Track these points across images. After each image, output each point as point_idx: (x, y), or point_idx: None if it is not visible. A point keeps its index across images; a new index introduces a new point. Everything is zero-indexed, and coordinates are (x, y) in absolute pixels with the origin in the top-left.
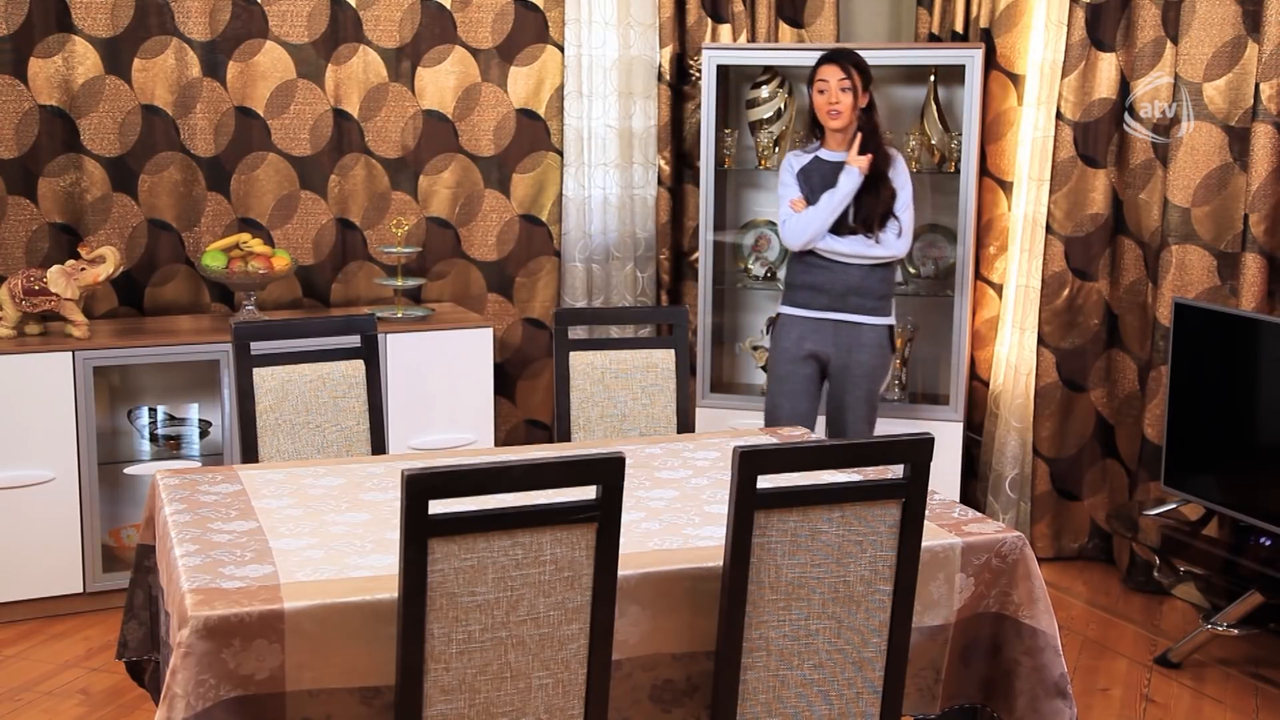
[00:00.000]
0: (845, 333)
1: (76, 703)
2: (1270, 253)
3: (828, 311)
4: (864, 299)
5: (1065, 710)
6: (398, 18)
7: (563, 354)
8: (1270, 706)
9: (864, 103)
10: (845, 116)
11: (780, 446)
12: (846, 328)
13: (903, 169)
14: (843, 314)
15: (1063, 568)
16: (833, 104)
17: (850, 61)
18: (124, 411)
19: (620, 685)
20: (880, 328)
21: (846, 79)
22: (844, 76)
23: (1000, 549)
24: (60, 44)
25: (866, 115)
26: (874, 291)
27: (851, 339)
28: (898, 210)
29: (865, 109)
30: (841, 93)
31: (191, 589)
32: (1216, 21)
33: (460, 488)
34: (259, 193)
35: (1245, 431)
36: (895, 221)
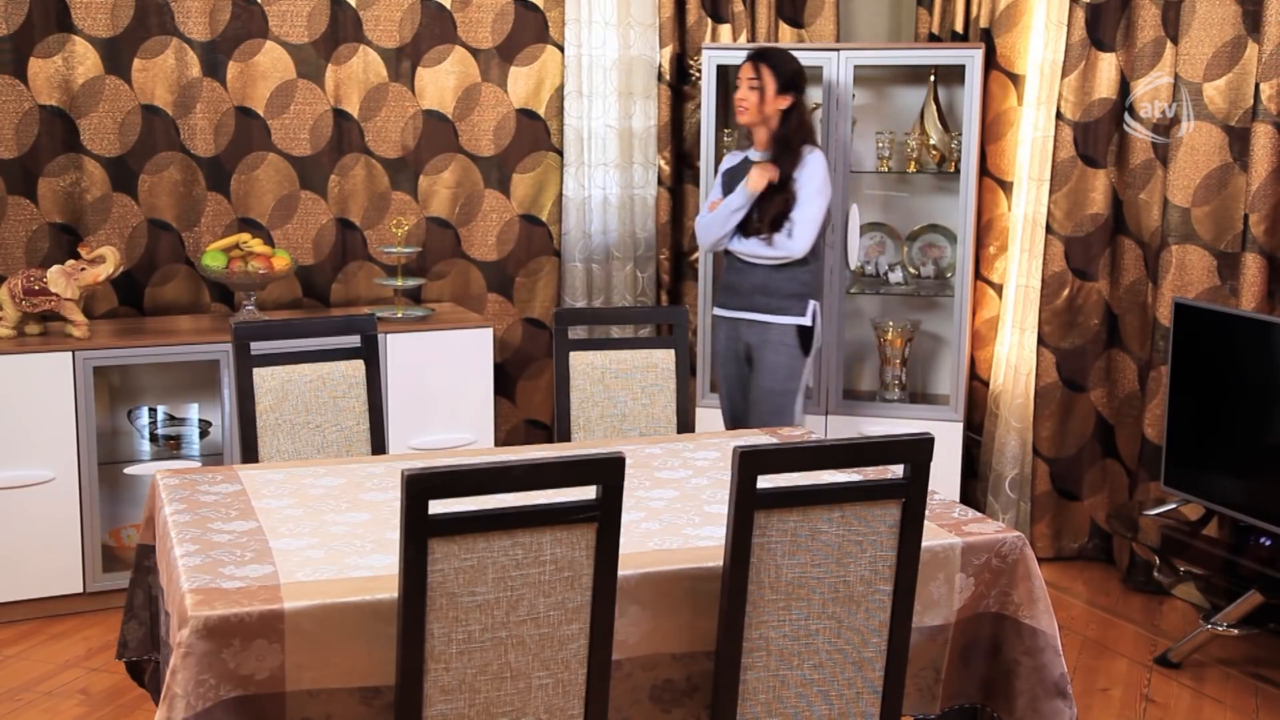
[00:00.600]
0: (755, 331)
1: (76, 703)
2: (1270, 253)
3: (740, 310)
4: (770, 298)
5: (1065, 710)
6: (398, 18)
7: (563, 354)
8: (1270, 706)
9: (783, 104)
10: (750, 115)
11: (780, 446)
12: (756, 326)
13: (813, 171)
14: (752, 313)
15: (1063, 568)
16: (739, 100)
17: (763, 60)
18: (124, 411)
19: (620, 685)
20: (786, 327)
21: (755, 78)
22: (753, 75)
23: (1000, 549)
24: (60, 44)
25: (787, 117)
26: (780, 291)
27: (760, 337)
28: (793, 212)
29: (787, 110)
30: (749, 90)
31: (191, 589)
32: (1216, 21)
33: (460, 488)
34: (259, 193)
35: (1245, 431)
36: (789, 223)
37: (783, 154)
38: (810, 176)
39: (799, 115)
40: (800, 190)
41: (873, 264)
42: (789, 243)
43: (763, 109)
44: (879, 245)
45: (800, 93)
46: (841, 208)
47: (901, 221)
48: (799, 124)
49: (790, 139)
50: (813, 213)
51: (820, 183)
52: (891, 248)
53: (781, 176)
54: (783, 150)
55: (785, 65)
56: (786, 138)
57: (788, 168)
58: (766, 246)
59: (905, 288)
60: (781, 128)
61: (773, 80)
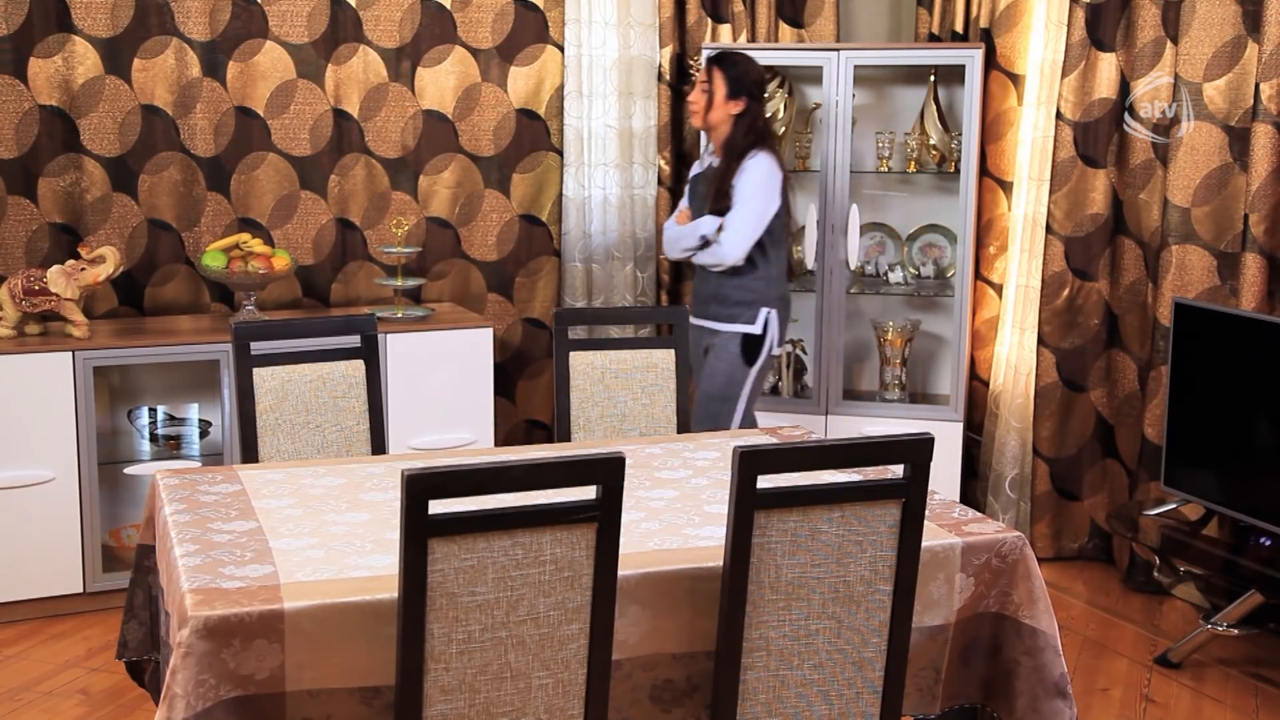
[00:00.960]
0: (706, 337)
1: (76, 703)
2: (1270, 253)
3: (699, 318)
4: (722, 306)
5: (1065, 710)
6: (398, 18)
7: (563, 354)
8: (1270, 706)
9: (733, 109)
10: (698, 118)
11: (780, 446)
12: (707, 333)
13: (750, 176)
14: (706, 320)
15: (1063, 568)
16: (690, 101)
17: (717, 63)
18: (124, 411)
19: (620, 685)
20: (731, 334)
21: (706, 81)
22: (704, 79)
23: (1000, 549)
24: (60, 44)
25: (738, 123)
26: (729, 299)
27: (710, 343)
28: (725, 218)
29: (739, 116)
30: (701, 92)
31: (191, 589)
32: (1216, 21)
33: (460, 488)
34: (259, 193)
35: (1245, 431)
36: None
37: (730, 160)
38: (746, 181)
39: (750, 121)
40: (735, 195)
41: (873, 264)
42: (719, 248)
43: (711, 113)
44: (879, 245)
45: (753, 99)
46: (842, 208)
47: (901, 221)
48: (749, 130)
49: (738, 145)
50: (744, 218)
51: (756, 188)
52: (891, 248)
53: (725, 186)
54: (730, 156)
55: (738, 70)
56: (735, 144)
57: (729, 176)
58: (707, 254)
59: (905, 288)
60: (732, 134)
61: (723, 84)
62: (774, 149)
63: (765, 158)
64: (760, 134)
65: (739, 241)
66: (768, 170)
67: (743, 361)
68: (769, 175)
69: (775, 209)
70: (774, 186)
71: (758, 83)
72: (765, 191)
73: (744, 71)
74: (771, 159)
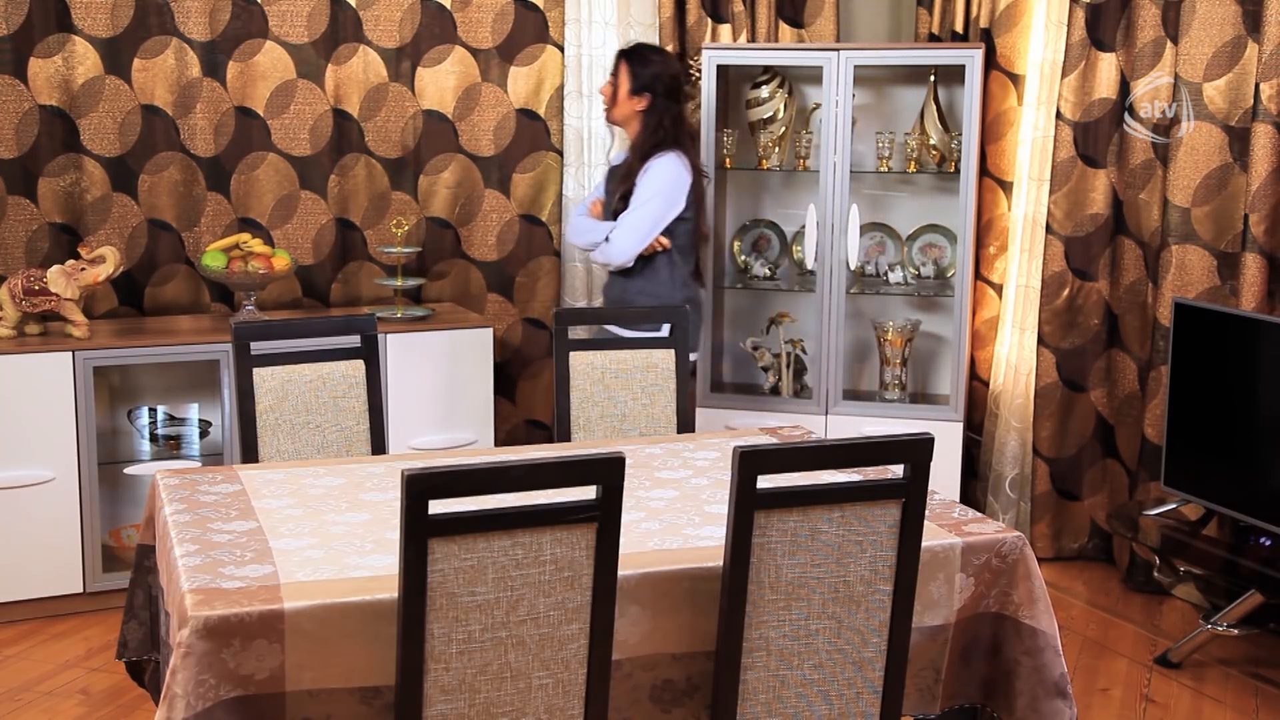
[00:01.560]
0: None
1: (76, 703)
2: (1270, 253)
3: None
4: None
5: (1065, 710)
6: (398, 18)
7: (563, 354)
8: (1270, 706)
9: (638, 106)
10: (608, 111)
11: (780, 446)
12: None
13: (652, 177)
14: (611, 326)
15: (1063, 568)
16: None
17: (625, 57)
18: (124, 411)
19: (620, 685)
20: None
21: (614, 73)
22: (613, 71)
23: (1000, 549)
24: (60, 44)
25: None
26: (633, 303)
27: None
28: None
29: (645, 113)
30: (609, 87)
31: (191, 589)
32: (1216, 21)
33: (460, 488)
34: (259, 193)
35: (1245, 431)
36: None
37: (635, 159)
38: (648, 182)
39: (658, 120)
40: (634, 195)
41: (873, 264)
42: (608, 247)
43: (615, 108)
44: (879, 245)
45: (659, 96)
46: (842, 208)
47: (901, 221)
48: (655, 129)
49: (644, 144)
50: (638, 219)
51: (656, 190)
52: (891, 248)
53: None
54: (636, 155)
55: (646, 65)
56: (641, 143)
57: (635, 175)
58: (599, 253)
59: (905, 288)
60: (640, 132)
61: (628, 79)
62: (686, 150)
63: (673, 159)
64: (670, 134)
65: (629, 243)
66: (673, 172)
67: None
68: (673, 177)
69: (677, 212)
70: (678, 189)
71: (666, 80)
72: (667, 194)
73: (652, 69)
74: (680, 160)
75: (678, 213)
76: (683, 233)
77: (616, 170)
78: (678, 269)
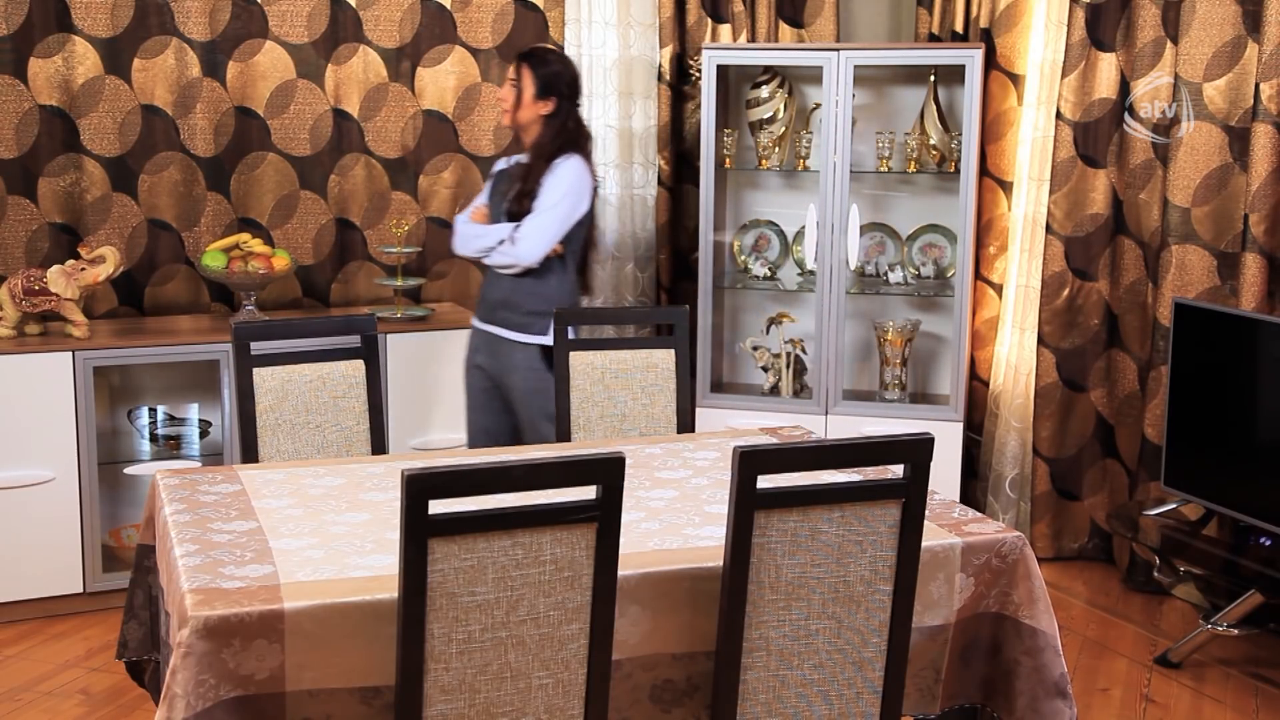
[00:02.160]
0: (498, 348)
1: (76, 703)
2: (1270, 253)
3: (486, 323)
4: (513, 313)
5: (1065, 710)
6: (398, 18)
7: (563, 354)
8: (1270, 706)
9: (542, 110)
10: (507, 116)
11: (780, 446)
12: (501, 344)
13: (558, 180)
14: (495, 327)
15: (1063, 568)
16: (499, 98)
17: (526, 60)
18: (124, 411)
19: (620, 685)
20: (529, 347)
21: (514, 78)
22: (513, 77)
23: (1000, 549)
24: (60, 44)
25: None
26: (523, 306)
27: (507, 359)
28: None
29: (549, 117)
30: (510, 89)
31: (191, 589)
32: (1216, 21)
33: (460, 488)
34: (259, 193)
35: (1245, 431)
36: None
37: (538, 160)
38: (555, 183)
39: (561, 123)
40: (541, 196)
41: (873, 264)
42: (513, 249)
43: (518, 113)
44: (879, 245)
45: (564, 100)
46: (842, 208)
47: (901, 221)
48: (559, 132)
49: (548, 147)
50: (545, 221)
51: (562, 193)
52: (891, 248)
53: (530, 187)
54: (539, 157)
55: (549, 69)
56: (544, 146)
57: (535, 178)
58: (500, 255)
59: (905, 288)
60: (541, 135)
61: (531, 83)
62: (587, 153)
63: (577, 161)
64: (571, 137)
65: (538, 243)
66: (579, 175)
67: (549, 373)
68: (580, 180)
69: (581, 214)
70: (584, 191)
71: (569, 83)
72: (573, 197)
73: (555, 71)
74: (583, 163)
75: (581, 215)
76: (577, 238)
77: (506, 174)
78: (568, 274)
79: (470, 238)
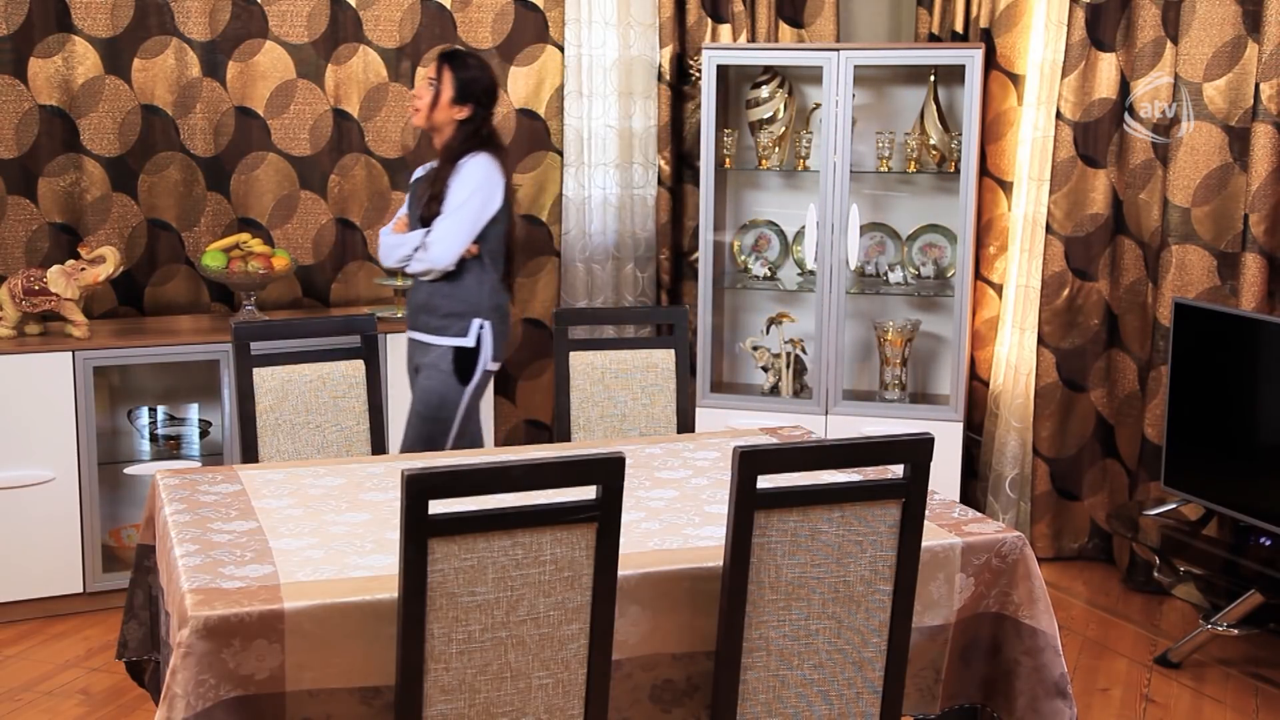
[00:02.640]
0: (420, 352)
1: (76, 703)
2: (1270, 253)
3: (411, 329)
4: (431, 317)
5: (1065, 710)
6: (398, 18)
7: (563, 354)
8: (1270, 706)
9: (458, 114)
10: (420, 117)
11: (780, 446)
12: (420, 347)
13: (465, 180)
14: (415, 332)
15: (1063, 568)
16: (413, 97)
17: (448, 62)
18: (124, 411)
19: (620, 685)
20: (443, 349)
21: (434, 78)
22: (433, 75)
23: (1000, 549)
24: (60, 44)
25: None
26: (439, 309)
27: (422, 359)
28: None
29: (464, 122)
30: (427, 89)
31: (191, 589)
32: (1216, 21)
33: (460, 488)
34: (259, 193)
35: (1245, 431)
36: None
37: (445, 165)
38: (462, 183)
39: (474, 128)
40: (449, 197)
41: (873, 264)
42: (427, 253)
43: (434, 114)
44: (879, 245)
45: (482, 107)
46: (842, 208)
47: (901, 221)
48: (470, 136)
49: (457, 150)
50: (453, 223)
51: (472, 190)
52: (891, 248)
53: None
54: (446, 161)
55: (469, 73)
56: (454, 148)
57: (446, 179)
58: (415, 262)
59: (905, 288)
60: (453, 139)
61: (451, 86)
62: (498, 154)
63: (485, 159)
64: (483, 140)
65: (450, 246)
66: (486, 172)
67: (456, 380)
68: (487, 177)
69: (492, 213)
70: (493, 189)
71: (488, 90)
72: (482, 194)
73: (475, 77)
74: (493, 161)
75: (494, 211)
76: (494, 237)
77: (423, 180)
78: (487, 274)
79: (391, 248)
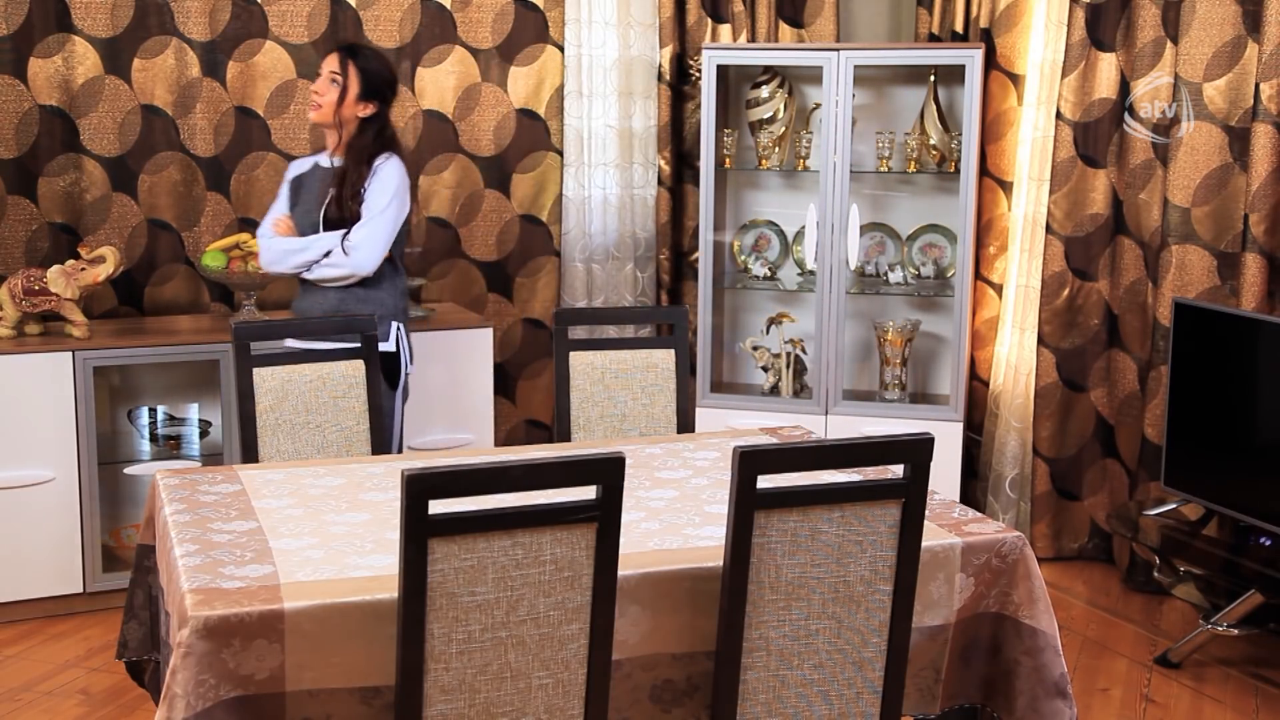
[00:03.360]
0: None
1: (76, 703)
2: (1270, 253)
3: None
4: None
5: (1065, 710)
6: (398, 18)
7: (563, 354)
8: (1270, 706)
9: (363, 111)
10: (323, 114)
11: (780, 446)
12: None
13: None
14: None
15: (1063, 568)
16: (314, 92)
17: (353, 57)
18: (124, 411)
19: (620, 685)
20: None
21: (338, 72)
22: (336, 70)
23: (1000, 549)
24: (60, 44)
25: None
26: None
27: None
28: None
29: (368, 120)
30: (330, 84)
31: (191, 589)
32: (1216, 21)
33: (460, 488)
34: (259, 193)
35: (1245, 431)
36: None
37: (358, 164)
38: (381, 188)
39: (380, 125)
40: (366, 204)
41: (873, 264)
42: (347, 260)
43: (339, 111)
44: (879, 245)
45: (385, 103)
46: (842, 208)
47: (901, 221)
48: (378, 134)
49: (367, 149)
50: (378, 228)
51: (390, 197)
52: (891, 248)
53: (353, 191)
54: (358, 160)
55: (374, 68)
56: (363, 147)
57: (357, 181)
58: (330, 267)
59: (905, 288)
60: (359, 137)
61: (357, 83)
62: (403, 155)
63: (397, 162)
64: (390, 139)
65: (374, 251)
66: (401, 176)
67: (386, 386)
68: (403, 181)
69: (405, 216)
70: (406, 193)
71: (390, 85)
72: (400, 197)
73: (378, 71)
74: (401, 164)
75: (406, 214)
76: (401, 240)
77: (311, 178)
78: (399, 277)
79: (286, 253)
